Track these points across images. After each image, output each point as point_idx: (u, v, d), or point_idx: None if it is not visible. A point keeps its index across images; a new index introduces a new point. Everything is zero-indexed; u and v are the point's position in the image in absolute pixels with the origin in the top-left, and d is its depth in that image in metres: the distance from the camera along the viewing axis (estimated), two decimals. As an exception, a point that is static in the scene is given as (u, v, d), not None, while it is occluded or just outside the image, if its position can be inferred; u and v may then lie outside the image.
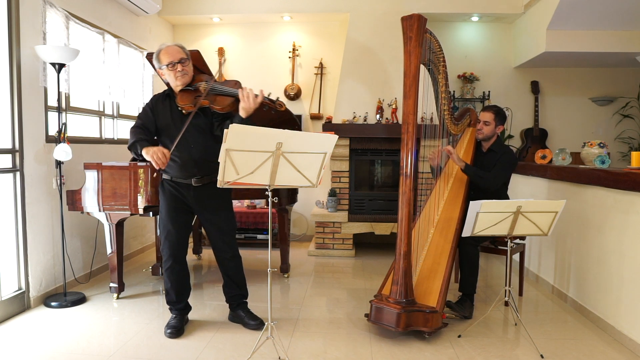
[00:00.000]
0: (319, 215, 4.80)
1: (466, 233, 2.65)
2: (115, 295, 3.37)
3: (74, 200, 3.29)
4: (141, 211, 3.21)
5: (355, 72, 4.97)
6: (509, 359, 2.51)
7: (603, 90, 5.47)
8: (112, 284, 3.36)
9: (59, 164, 3.30)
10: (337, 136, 2.23)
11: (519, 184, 4.20)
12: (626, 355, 2.56)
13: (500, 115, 3.31)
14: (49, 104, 3.45)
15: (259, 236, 5.04)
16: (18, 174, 3.11)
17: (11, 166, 3.08)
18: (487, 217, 2.54)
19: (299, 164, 2.23)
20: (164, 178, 2.77)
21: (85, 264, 3.81)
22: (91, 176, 3.24)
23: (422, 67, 2.86)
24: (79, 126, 3.95)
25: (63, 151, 3.17)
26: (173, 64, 2.60)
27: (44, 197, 3.33)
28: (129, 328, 2.87)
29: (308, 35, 5.50)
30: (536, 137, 5.39)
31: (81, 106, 3.92)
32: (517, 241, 3.48)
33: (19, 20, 3.08)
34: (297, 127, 3.99)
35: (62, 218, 3.32)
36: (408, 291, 2.69)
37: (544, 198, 3.74)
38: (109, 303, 3.30)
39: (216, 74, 5.24)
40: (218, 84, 2.65)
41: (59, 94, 3.25)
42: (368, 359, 2.49)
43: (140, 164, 3.20)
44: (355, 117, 4.89)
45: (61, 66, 3.18)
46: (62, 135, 3.24)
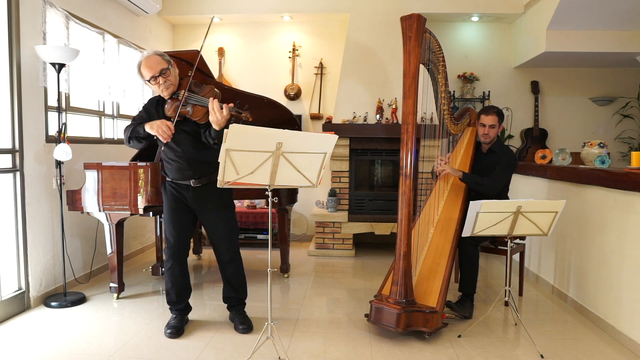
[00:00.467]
0: (319, 215, 4.80)
1: (466, 233, 2.65)
2: (115, 295, 3.37)
3: (74, 200, 3.29)
4: (141, 211, 3.21)
5: (355, 72, 4.97)
6: (509, 359, 2.51)
7: (603, 90, 5.47)
8: (112, 284, 3.36)
9: (59, 164, 3.30)
10: (337, 136, 2.23)
11: (519, 184, 4.20)
12: (626, 355, 2.56)
13: (501, 116, 3.31)
14: (49, 104, 3.45)
15: (259, 236, 5.04)
16: (18, 174, 3.11)
17: (11, 166, 3.08)
18: (487, 217, 2.54)
19: (299, 164, 2.23)
20: (166, 179, 2.79)
21: (85, 264, 3.81)
22: (91, 176, 3.24)
23: (422, 67, 2.86)
24: (79, 126, 3.95)
25: (63, 151, 3.17)
26: (155, 78, 2.56)
27: (44, 197, 3.33)
28: (129, 328, 2.87)
29: (308, 35, 5.50)
30: (536, 137, 5.39)
31: (81, 106, 3.92)
32: (517, 241, 3.48)
33: (19, 20, 3.08)
34: (297, 127, 4.00)
35: (62, 218, 3.32)
36: (408, 291, 2.68)
37: (544, 198, 3.74)
38: (109, 303, 3.30)
39: (217, 75, 5.24)
40: (195, 93, 2.59)
41: (59, 94, 3.25)
42: (368, 359, 2.49)
43: (140, 163, 3.20)
44: (355, 117, 4.89)
45: (61, 66, 3.18)
46: (62, 135, 3.24)
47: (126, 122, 4.63)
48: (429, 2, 4.95)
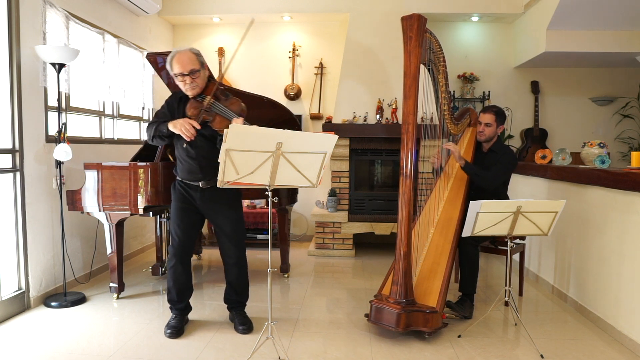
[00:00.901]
0: (319, 215, 4.80)
1: (466, 233, 2.65)
2: (115, 295, 3.37)
3: (74, 200, 3.29)
4: (141, 211, 3.21)
5: (355, 72, 4.97)
6: (509, 359, 2.51)
7: (603, 90, 5.47)
8: (112, 284, 3.36)
9: (59, 164, 3.30)
10: (337, 136, 2.23)
11: (519, 184, 4.20)
12: (626, 355, 2.56)
13: (500, 116, 3.31)
14: (49, 104, 3.44)
15: (259, 236, 5.04)
16: (18, 174, 3.11)
17: (11, 166, 3.08)
18: (487, 217, 2.54)
19: (299, 164, 2.23)
20: (176, 178, 2.79)
21: (85, 264, 3.81)
22: (91, 176, 3.24)
23: (422, 67, 2.85)
24: (79, 126, 3.95)
25: (63, 151, 3.17)
26: (183, 75, 2.55)
27: (44, 197, 3.33)
28: (129, 328, 2.86)
29: (308, 35, 5.50)
30: (536, 137, 5.39)
31: (81, 106, 3.92)
32: (517, 241, 3.48)
33: (19, 20, 3.08)
34: (297, 127, 4.00)
35: (62, 218, 3.32)
36: (408, 291, 2.69)
37: (544, 198, 3.74)
38: (109, 303, 3.30)
39: (217, 75, 5.24)
40: (220, 102, 2.59)
41: (59, 94, 3.24)
42: (368, 359, 2.49)
43: (140, 163, 3.20)
44: (355, 117, 4.89)
45: (61, 66, 3.18)
46: (62, 135, 3.24)
47: (126, 122, 4.64)
48: (429, 2, 4.95)
